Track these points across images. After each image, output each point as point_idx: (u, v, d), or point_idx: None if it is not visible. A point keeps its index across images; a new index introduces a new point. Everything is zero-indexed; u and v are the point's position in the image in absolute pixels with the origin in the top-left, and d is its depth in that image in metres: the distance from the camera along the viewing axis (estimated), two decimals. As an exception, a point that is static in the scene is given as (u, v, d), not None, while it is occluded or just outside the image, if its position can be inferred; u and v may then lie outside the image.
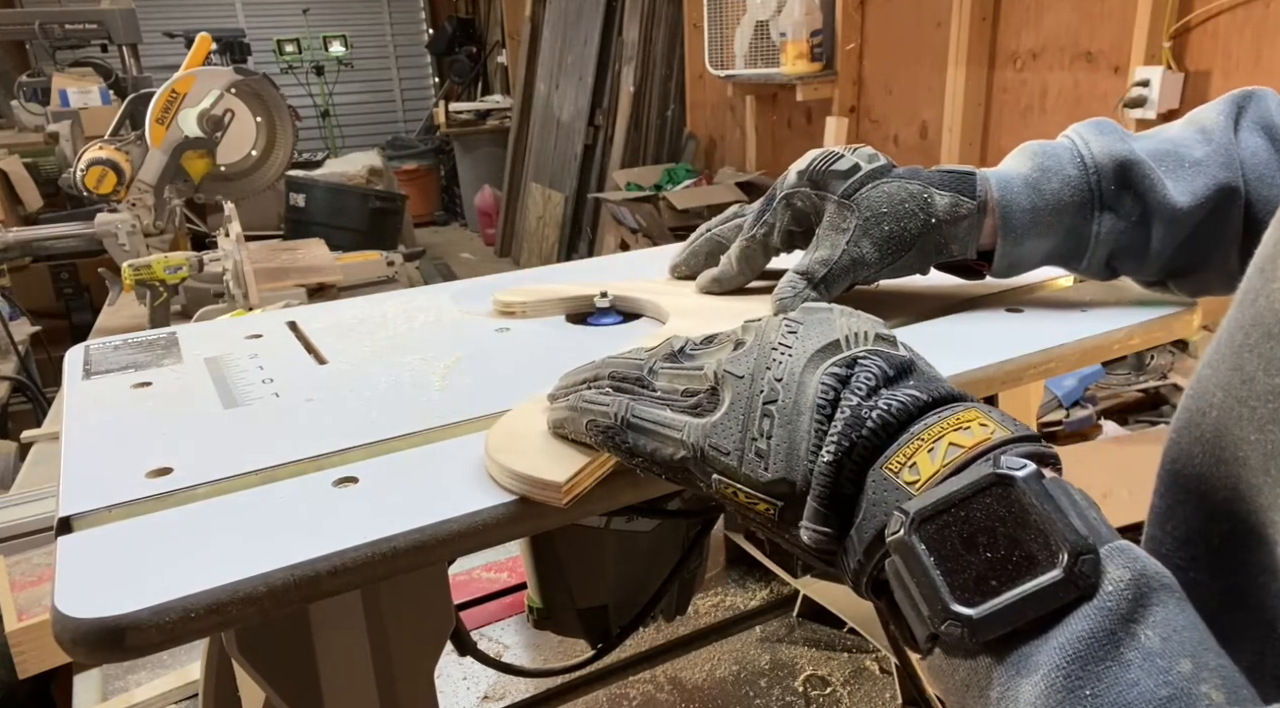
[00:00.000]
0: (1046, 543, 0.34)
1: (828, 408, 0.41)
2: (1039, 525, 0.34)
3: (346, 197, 5.01)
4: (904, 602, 0.37)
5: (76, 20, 3.24)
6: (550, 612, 0.92)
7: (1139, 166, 0.67)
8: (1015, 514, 0.35)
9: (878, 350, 0.43)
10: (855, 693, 1.24)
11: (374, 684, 0.55)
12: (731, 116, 4.36)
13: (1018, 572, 0.34)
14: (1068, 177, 0.68)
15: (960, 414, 0.39)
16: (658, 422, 0.45)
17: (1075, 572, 0.33)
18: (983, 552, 0.35)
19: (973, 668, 0.35)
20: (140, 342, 0.81)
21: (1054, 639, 0.33)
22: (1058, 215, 0.68)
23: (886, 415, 0.40)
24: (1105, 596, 0.33)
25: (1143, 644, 0.32)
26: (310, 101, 7.84)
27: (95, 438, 0.61)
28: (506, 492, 0.50)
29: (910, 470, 0.38)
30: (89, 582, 0.44)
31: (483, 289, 0.91)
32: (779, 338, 0.45)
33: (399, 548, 0.46)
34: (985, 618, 0.34)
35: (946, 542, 0.35)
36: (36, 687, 1.26)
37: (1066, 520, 0.34)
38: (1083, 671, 0.32)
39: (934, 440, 0.38)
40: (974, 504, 0.35)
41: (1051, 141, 0.71)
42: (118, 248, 2.42)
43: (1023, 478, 0.35)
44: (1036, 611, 0.33)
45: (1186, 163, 0.67)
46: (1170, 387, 2.15)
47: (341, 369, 0.72)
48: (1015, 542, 0.34)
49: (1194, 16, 2.19)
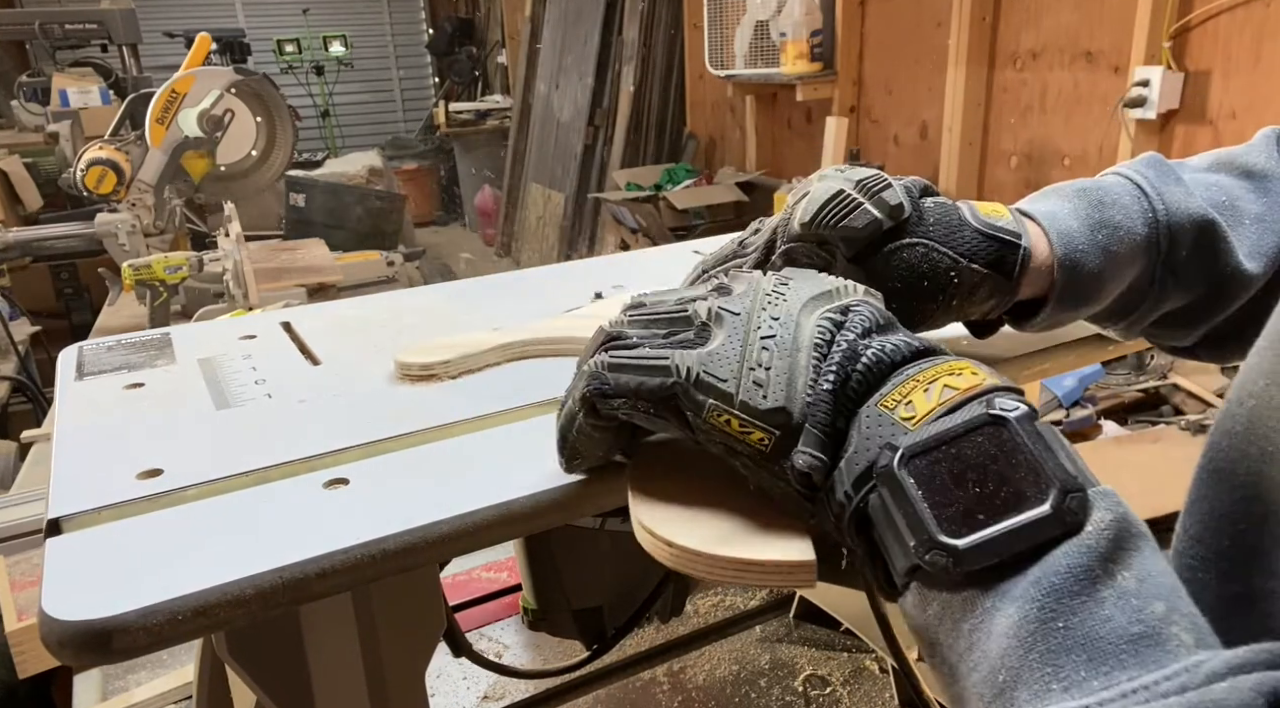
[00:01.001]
0: (1036, 481, 0.34)
1: (824, 347, 0.41)
2: (1030, 464, 0.35)
3: (346, 196, 5.01)
4: (887, 534, 0.37)
5: (76, 20, 3.25)
6: (545, 613, 0.92)
7: (1216, 229, 0.57)
8: (1006, 453, 0.35)
9: (869, 302, 0.44)
10: (855, 693, 1.24)
11: (365, 686, 0.55)
12: (731, 116, 4.35)
13: (1005, 507, 0.34)
14: (1135, 237, 0.56)
15: (951, 363, 0.40)
16: (640, 357, 0.44)
17: (1064, 508, 0.34)
18: (971, 488, 0.35)
19: (948, 601, 0.35)
20: (134, 343, 0.81)
21: (1033, 573, 0.33)
22: (1119, 282, 0.57)
23: (880, 353, 0.41)
24: (1087, 535, 0.33)
25: (1119, 584, 0.33)
26: (310, 101, 7.84)
27: (86, 439, 0.61)
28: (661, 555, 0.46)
29: (906, 407, 0.38)
30: (76, 584, 0.44)
31: (479, 289, 0.91)
32: (772, 286, 0.45)
33: (389, 550, 0.46)
34: (971, 549, 0.34)
35: (936, 477, 0.36)
36: (36, 687, 1.26)
37: (1056, 460, 0.35)
38: (1058, 604, 0.32)
39: (929, 382, 0.39)
40: (965, 442, 0.36)
41: (1110, 184, 0.59)
42: (118, 248, 2.42)
43: (1016, 418, 0.36)
44: (1023, 544, 0.34)
45: (1247, 218, 0.58)
46: (1170, 387, 2.14)
47: (335, 370, 0.72)
48: (1004, 479, 0.35)
49: (1194, 16, 2.18)
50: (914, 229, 0.53)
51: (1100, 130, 2.44)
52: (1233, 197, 0.59)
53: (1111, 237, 0.55)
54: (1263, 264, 0.57)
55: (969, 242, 0.53)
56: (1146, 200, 0.57)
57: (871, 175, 0.55)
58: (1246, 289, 0.58)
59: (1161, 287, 0.58)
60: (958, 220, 0.54)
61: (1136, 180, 0.58)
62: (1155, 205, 0.57)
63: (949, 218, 0.54)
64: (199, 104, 2.39)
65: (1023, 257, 0.54)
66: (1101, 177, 0.60)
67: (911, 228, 0.53)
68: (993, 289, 0.54)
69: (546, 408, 0.63)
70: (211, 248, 2.43)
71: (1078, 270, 0.55)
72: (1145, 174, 0.58)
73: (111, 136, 2.48)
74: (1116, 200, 0.57)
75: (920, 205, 0.54)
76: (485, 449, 0.57)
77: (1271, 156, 0.61)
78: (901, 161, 3.25)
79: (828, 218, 0.54)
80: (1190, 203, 0.57)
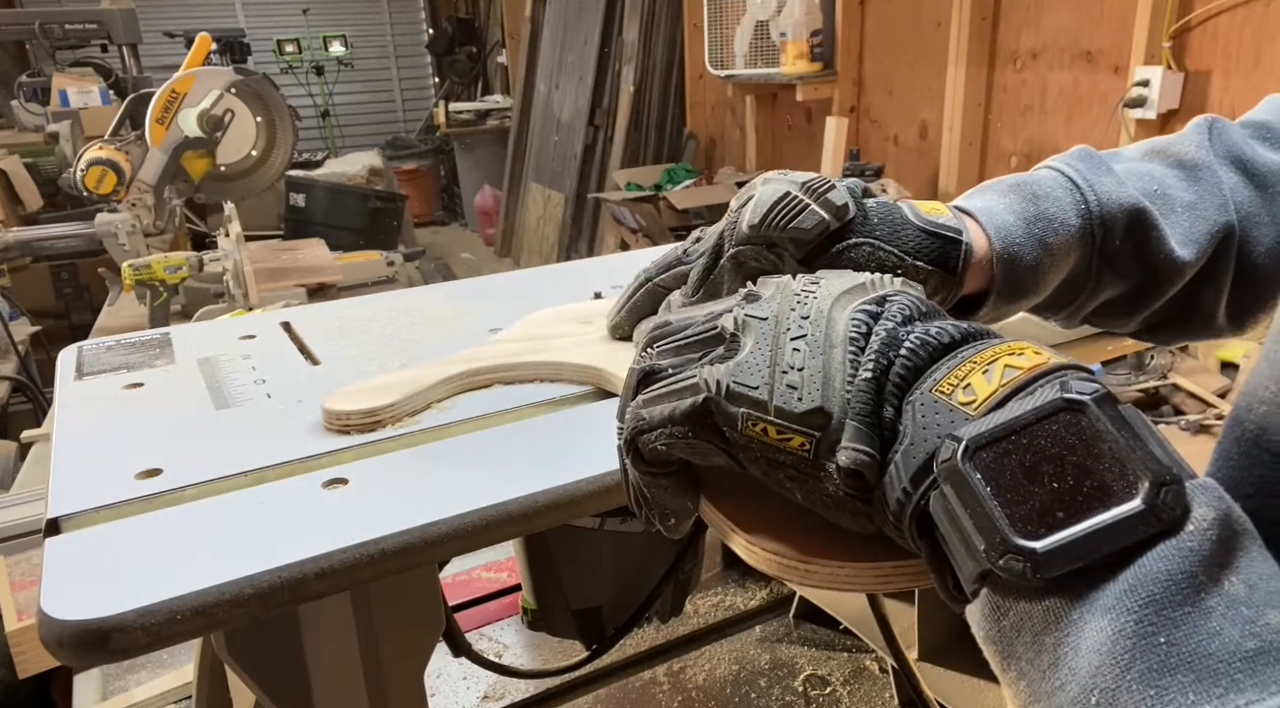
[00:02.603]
0: (1123, 472, 0.30)
1: (861, 340, 0.38)
2: (1115, 453, 0.31)
3: (346, 197, 5.01)
4: (952, 536, 0.33)
5: (76, 20, 3.24)
6: (545, 613, 0.92)
7: (1148, 217, 0.58)
8: (1087, 441, 0.31)
9: (907, 292, 0.41)
10: (855, 693, 1.24)
11: (363, 686, 0.55)
12: (731, 116, 4.36)
13: (1089, 503, 0.30)
14: (1070, 228, 0.57)
15: (1010, 343, 0.36)
16: (670, 383, 0.41)
17: (1159, 503, 0.30)
18: (1048, 482, 0.31)
19: (1025, 611, 0.31)
20: (133, 343, 0.81)
21: (1125, 580, 0.29)
22: (1056, 272, 0.58)
23: (926, 336, 0.37)
24: (1187, 535, 0.30)
25: (1227, 591, 0.29)
26: (310, 101, 7.84)
27: (85, 439, 0.61)
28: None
29: (965, 391, 0.35)
30: (76, 584, 0.44)
31: (479, 289, 0.91)
32: (801, 286, 0.42)
33: (387, 550, 0.46)
34: (1051, 551, 0.30)
35: (1006, 471, 0.32)
36: (36, 687, 1.26)
37: (1146, 448, 0.31)
38: (1158, 616, 0.28)
39: (988, 363, 0.35)
40: (1038, 431, 0.32)
41: (1043, 178, 0.60)
42: (118, 248, 2.42)
43: (1095, 401, 0.32)
44: (1111, 545, 0.30)
45: (1179, 206, 0.59)
46: (1170, 387, 2.14)
47: (334, 370, 0.72)
48: (1086, 471, 0.31)
49: (1194, 16, 2.18)
50: (859, 229, 0.54)
51: (1100, 130, 2.44)
52: (1164, 185, 0.60)
53: (1047, 229, 0.56)
54: (1195, 251, 0.58)
55: (913, 240, 0.54)
56: (1079, 192, 0.58)
57: (815, 177, 0.55)
58: (1180, 276, 0.59)
59: (1098, 276, 0.59)
60: (901, 219, 0.55)
61: (1069, 173, 0.59)
62: (1088, 196, 0.57)
63: (892, 217, 0.55)
64: (199, 104, 2.39)
65: (965, 252, 0.54)
66: (1035, 170, 0.61)
67: (857, 228, 0.54)
68: (938, 285, 0.54)
69: (545, 408, 0.63)
70: (211, 248, 2.43)
71: (1015, 264, 0.56)
72: (1077, 167, 0.59)
73: (111, 136, 2.48)
74: (1049, 193, 0.58)
75: (864, 205, 0.55)
76: (484, 449, 0.57)
77: (1202, 146, 0.61)
78: (901, 161, 3.25)
79: (776, 220, 0.54)
80: (1121, 193, 0.58)
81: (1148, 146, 0.64)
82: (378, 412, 0.60)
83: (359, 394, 0.61)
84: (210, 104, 2.40)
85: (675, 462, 0.42)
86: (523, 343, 0.71)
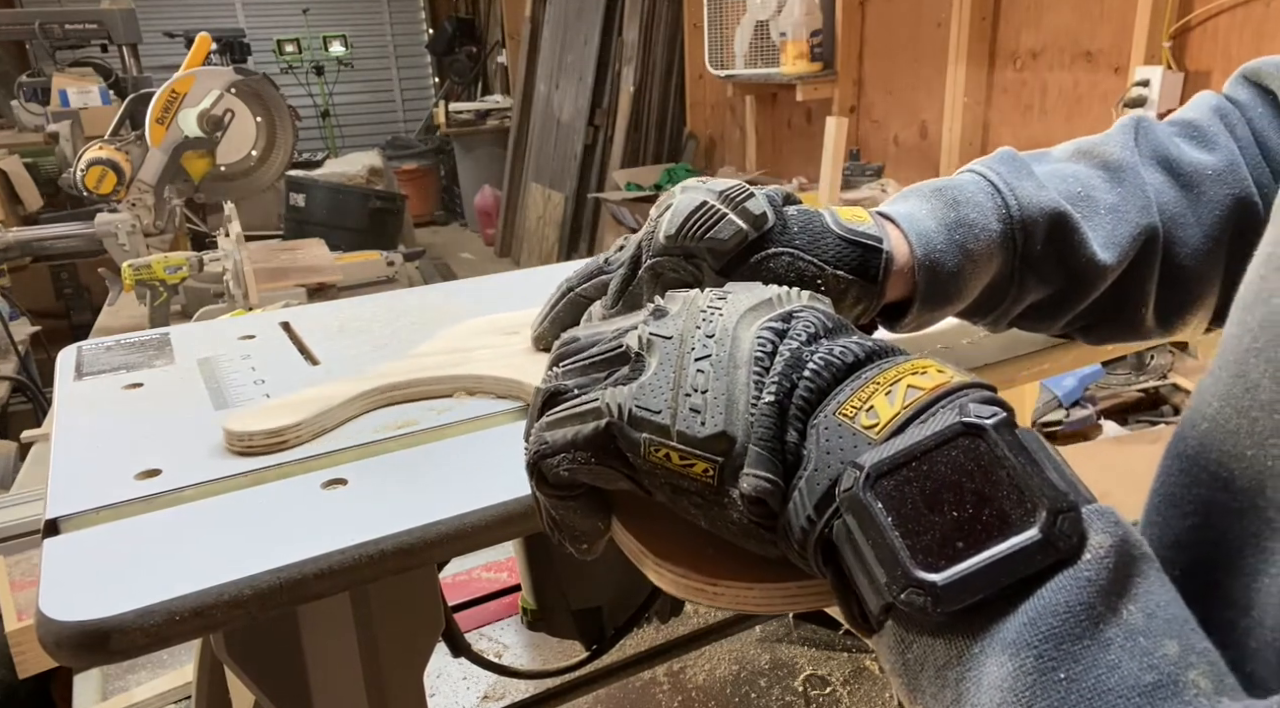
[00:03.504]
0: (1021, 500, 0.30)
1: (765, 360, 0.37)
2: (1013, 480, 0.31)
3: (346, 197, 5.01)
4: (856, 568, 0.33)
5: (76, 20, 3.24)
6: (545, 613, 0.92)
7: (1069, 221, 0.57)
8: (985, 467, 0.31)
9: (814, 307, 0.40)
10: (855, 693, 1.24)
11: (363, 686, 0.55)
12: (731, 116, 4.36)
13: (988, 532, 0.30)
14: (991, 233, 0.56)
15: (914, 361, 0.36)
16: (573, 406, 0.39)
17: (1055, 531, 0.30)
18: (948, 511, 0.31)
19: (929, 645, 0.32)
20: (133, 343, 0.81)
21: (1025, 613, 0.29)
22: (979, 278, 0.57)
23: (829, 357, 0.36)
24: (1084, 564, 0.30)
25: (1125, 621, 0.29)
26: (310, 101, 7.84)
27: (85, 439, 0.61)
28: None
29: (868, 414, 0.34)
30: (74, 585, 0.44)
31: (479, 289, 0.91)
32: (707, 302, 0.41)
33: (387, 550, 0.46)
34: (951, 585, 0.30)
35: (907, 500, 0.31)
36: (36, 687, 1.26)
37: (1043, 475, 0.31)
38: (1057, 650, 0.29)
39: (891, 383, 0.35)
40: (938, 457, 0.31)
41: (965, 182, 0.59)
42: (118, 248, 2.42)
43: (993, 426, 0.31)
44: (1010, 576, 0.30)
45: (1102, 208, 0.58)
46: (1170, 387, 2.15)
47: (334, 370, 0.72)
48: (984, 499, 0.31)
49: (1194, 16, 2.18)
50: (778, 238, 0.53)
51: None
52: (1088, 187, 0.59)
53: (968, 235, 0.55)
54: (1117, 254, 0.57)
55: (833, 248, 0.53)
56: (1000, 196, 0.57)
57: (734, 186, 0.54)
58: (1103, 279, 0.58)
59: (1021, 281, 0.58)
60: (821, 228, 0.54)
61: (990, 177, 0.58)
62: (1008, 201, 0.56)
63: (812, 226, 0.54)
64: (199, 104, 2.39)
65: (885, 260, 0.53)
66: (957, 175, 0.60)
67: (776, 237, 0.52)
68: (859, 294, 0.54)
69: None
70: (211, 248, 2.43)
71: (937, 270, 0.55)
72: (998, 170, 0.58)
73: (111, 136, 2.48)
74: (970, 198, 0.57)
75: (784, 214, 0.54)
76: (484, 449, 0.57)
77: (1128, 146, 0.61)
78: (901, 161, 3.25)
79: (692, 230, 0.52)
80: (1042, 196, 0.57)
81: (1074, 147, 0.63)
82: (283, 431, 0.57)
83: (263, 414, 0.59)
84: (210, 104, 2.40)
85: (582, 485, 0.41)
86: (443, 356, 0.69)
